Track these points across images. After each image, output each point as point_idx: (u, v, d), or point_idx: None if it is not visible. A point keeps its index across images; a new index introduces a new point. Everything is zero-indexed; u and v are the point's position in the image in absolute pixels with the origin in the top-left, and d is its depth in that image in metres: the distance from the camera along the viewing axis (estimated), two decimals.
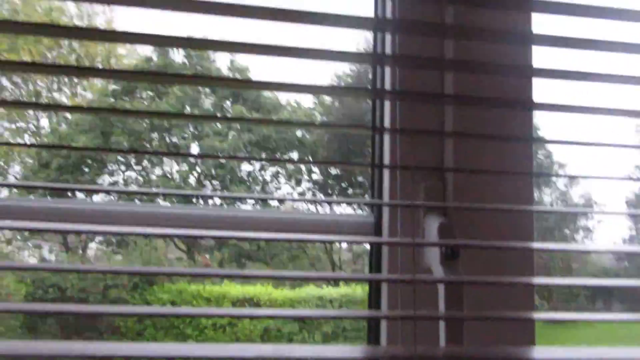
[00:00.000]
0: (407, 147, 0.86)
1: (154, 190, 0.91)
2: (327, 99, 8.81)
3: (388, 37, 0.89)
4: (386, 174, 0.87)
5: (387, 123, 0.88)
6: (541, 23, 0.90)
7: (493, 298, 0.85)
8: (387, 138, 0.88)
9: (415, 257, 0.82)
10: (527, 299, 0.86)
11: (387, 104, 0.88)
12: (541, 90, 0.91)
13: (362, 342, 0.88)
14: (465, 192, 0.86)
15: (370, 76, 0.95)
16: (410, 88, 0.87)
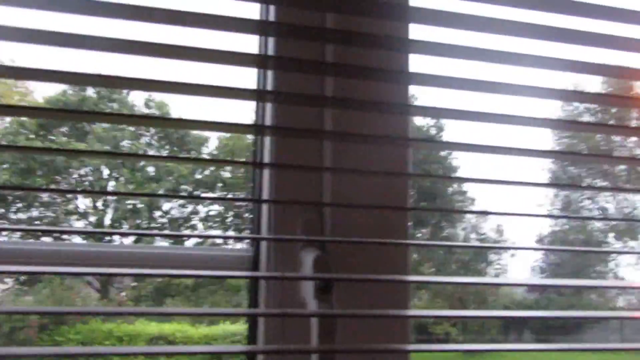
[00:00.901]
0: (286, 181, 0.87)
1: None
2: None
3: (270, 73, 0.91)
4: (265, 208, 0.88)
5: (266, 158, 0.89)
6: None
7: (371, 330, 0.86)
8: (266, 172, 0.89)
9: (287, 291, 0.83)
10: (402, 330, 0.87)
11: (267, 139, 0.89)
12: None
13: None
14: (344, 225, 0.87)
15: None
16: (290, 124, 0.88)
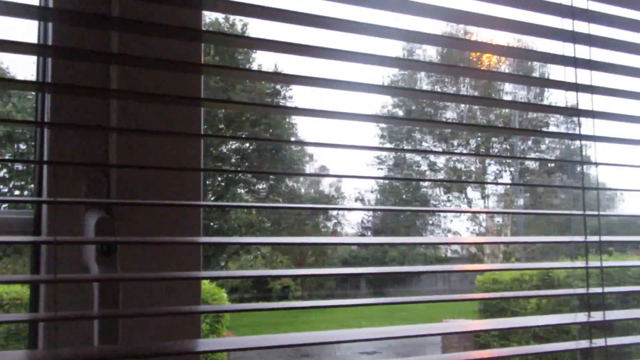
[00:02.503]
0: (69, 142, 0.83)
1: None
2: None
3: (51, 28, 0.85)
4: (47, 170, 0.84)
5: (48, 117, 0.84)
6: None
7: (161, 293, 0.85)
8: (48, 133, 0.84)
9: (73, 254, 0.80)
10: (193, 292, 0.87)
11: (48, 98, 0.84)
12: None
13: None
14: (132, 188, 0.85)
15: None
16: (73, 81, 0.84)
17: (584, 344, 1.02)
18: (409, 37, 0.99)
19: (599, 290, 1.04)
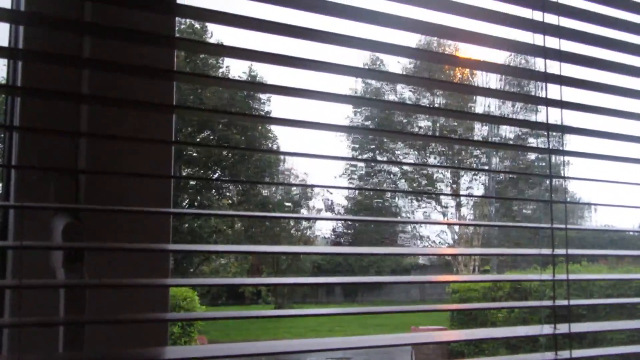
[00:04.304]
0: (38, 146, 0.82)
1: None
2: None
3: (22, 31, 0.85)
4: (15, 174, 0.83)
5: (17, 121, 0.83)
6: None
7: (129, 299, 0.85)
8: (16, 137, 0.83)
9: (40, 259, 0.79)
10: (161, 298, 0.87)
11: (18, 101, 0.83)
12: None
13: None
14: (102, 193, 0.84)
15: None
16: (44, 86, 0.83)
17: (549, 355, 1.04)
18: (377, 48, 1.00)
19: (564, 302, 1.05)
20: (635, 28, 1.24)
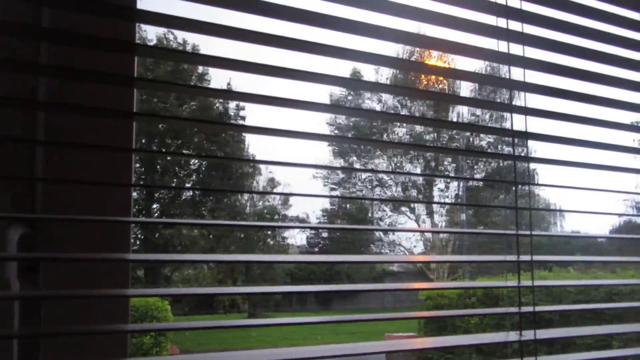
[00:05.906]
0: None
1: None
2: None
3: None
4: None
5: None
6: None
7: (87, 310, 0.83)
8: None
9: None
10: (122, 310, 0.85)
11: None
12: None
13: None
14: (59, 202, 0.82)
15: None
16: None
17: None
18: (348, 55, 0.99)
19: (530, 309, 1.05)
20: (597, 34, 1.25)
